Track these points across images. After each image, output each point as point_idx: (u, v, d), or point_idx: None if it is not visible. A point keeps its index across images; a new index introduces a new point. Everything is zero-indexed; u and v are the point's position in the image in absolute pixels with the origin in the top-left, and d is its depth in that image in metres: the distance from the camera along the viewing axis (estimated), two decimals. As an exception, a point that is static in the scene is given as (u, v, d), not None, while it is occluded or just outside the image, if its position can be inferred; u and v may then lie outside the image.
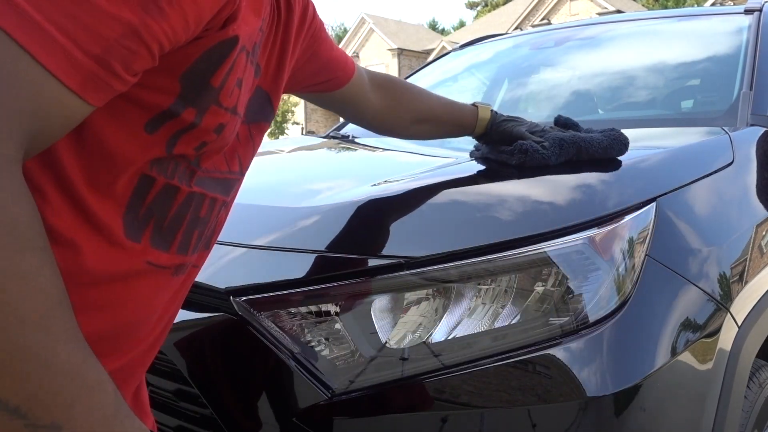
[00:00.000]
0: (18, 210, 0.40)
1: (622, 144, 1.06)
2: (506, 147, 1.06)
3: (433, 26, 53.41)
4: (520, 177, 1.00)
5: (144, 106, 0.51)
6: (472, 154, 1.18)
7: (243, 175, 0.72)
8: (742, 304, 1.00)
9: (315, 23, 0.83)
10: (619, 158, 1.06)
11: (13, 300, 0.38)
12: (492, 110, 1.13)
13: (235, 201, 1.15)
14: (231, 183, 0.68)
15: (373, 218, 0.94)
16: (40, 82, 0.41)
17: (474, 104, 1.13)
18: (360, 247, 0.89)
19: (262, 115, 0.74)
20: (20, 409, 0.39)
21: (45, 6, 0.41)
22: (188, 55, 0.51)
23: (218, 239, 0.99)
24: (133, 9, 0.44)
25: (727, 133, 1.28)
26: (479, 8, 51.41)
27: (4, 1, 0.40)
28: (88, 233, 0.52)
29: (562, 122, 1.14)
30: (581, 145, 1.04)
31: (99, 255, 0.53)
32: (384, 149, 1.66)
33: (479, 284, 0.83)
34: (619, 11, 21.34)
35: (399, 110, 1.07)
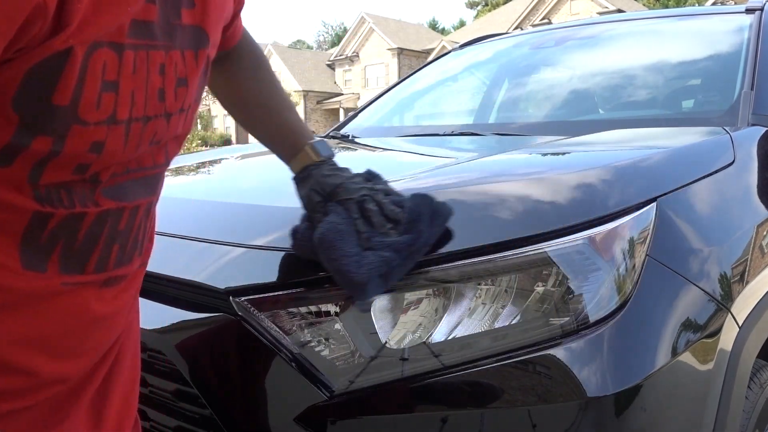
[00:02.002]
0: None
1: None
2: (318, 211, 0.85)
3: (433, 26, 53.42)
4: (520, 177, 1.00)
5: None
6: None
7: (168, 164, 0.64)
8: (743, 305, 1.00)
9: None
10: (619, 158, 1.05)
11: None
12: (321, 162, 0.89)
13: (236, 201, 1.15)
14: (157, 178, 0.62)
15: (373, 218, 0.94)
16: None
17: (311, 144, 0.90)
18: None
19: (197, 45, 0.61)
20: None
21: None
22: (8, 79, 0.43)
23: (218, 239, 0.99)
24: None
25: (728, 132, 1.28)
26: (479, 8, 51.42)
27: None
28: None
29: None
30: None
31: (9, 283, 0.50)
32: (384, 149, 1.65)
33: (479, 284, 0.82)
34: (619, 10, 21.33)
35: (233, 84, 0.90)
